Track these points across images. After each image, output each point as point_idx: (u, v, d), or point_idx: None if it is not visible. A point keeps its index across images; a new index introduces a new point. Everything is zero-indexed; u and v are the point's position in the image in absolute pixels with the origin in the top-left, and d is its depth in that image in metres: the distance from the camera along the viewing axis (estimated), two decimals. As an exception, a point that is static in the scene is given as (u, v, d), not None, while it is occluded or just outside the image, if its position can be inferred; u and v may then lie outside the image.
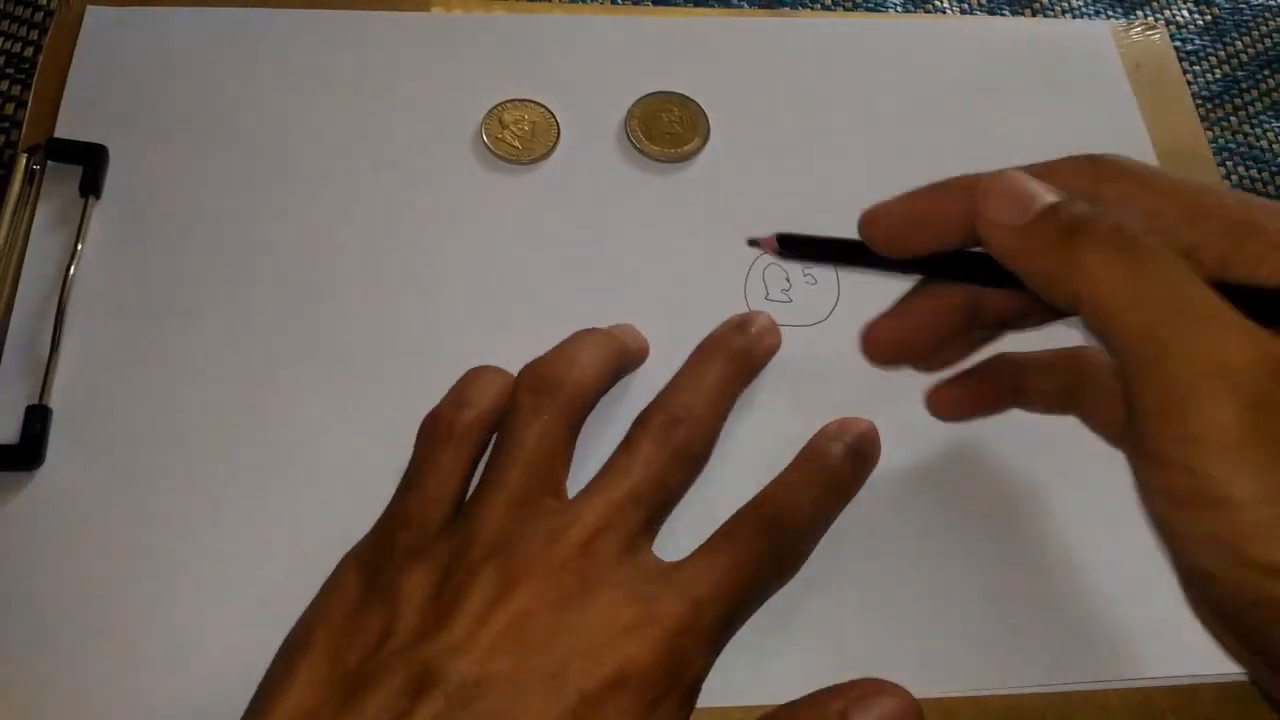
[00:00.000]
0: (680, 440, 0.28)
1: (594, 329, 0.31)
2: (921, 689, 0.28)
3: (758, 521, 0.27)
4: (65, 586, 0.28)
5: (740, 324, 0.31)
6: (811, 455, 0.29)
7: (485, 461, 0.28)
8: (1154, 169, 0.24)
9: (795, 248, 0.29)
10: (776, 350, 0.32)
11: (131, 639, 0.28)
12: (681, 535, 0.27)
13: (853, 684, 0.25)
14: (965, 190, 0.24)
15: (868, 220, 0.26)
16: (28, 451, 0.29)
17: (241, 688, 0.25)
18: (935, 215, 0.25)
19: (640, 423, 0.28)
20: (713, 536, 0.27)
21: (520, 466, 0.27)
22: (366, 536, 0.27)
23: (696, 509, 0.29)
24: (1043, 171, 0.24)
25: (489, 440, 0.29)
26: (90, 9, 0.37)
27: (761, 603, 0.27)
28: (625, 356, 0.31)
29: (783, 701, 0.25)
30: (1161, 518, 0.21)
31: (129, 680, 0.27)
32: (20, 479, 0.29)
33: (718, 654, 0.26)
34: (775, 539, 0.27)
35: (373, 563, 0.26)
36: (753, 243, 0.29)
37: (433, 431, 0.28)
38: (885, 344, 0.28)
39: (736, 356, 0.31)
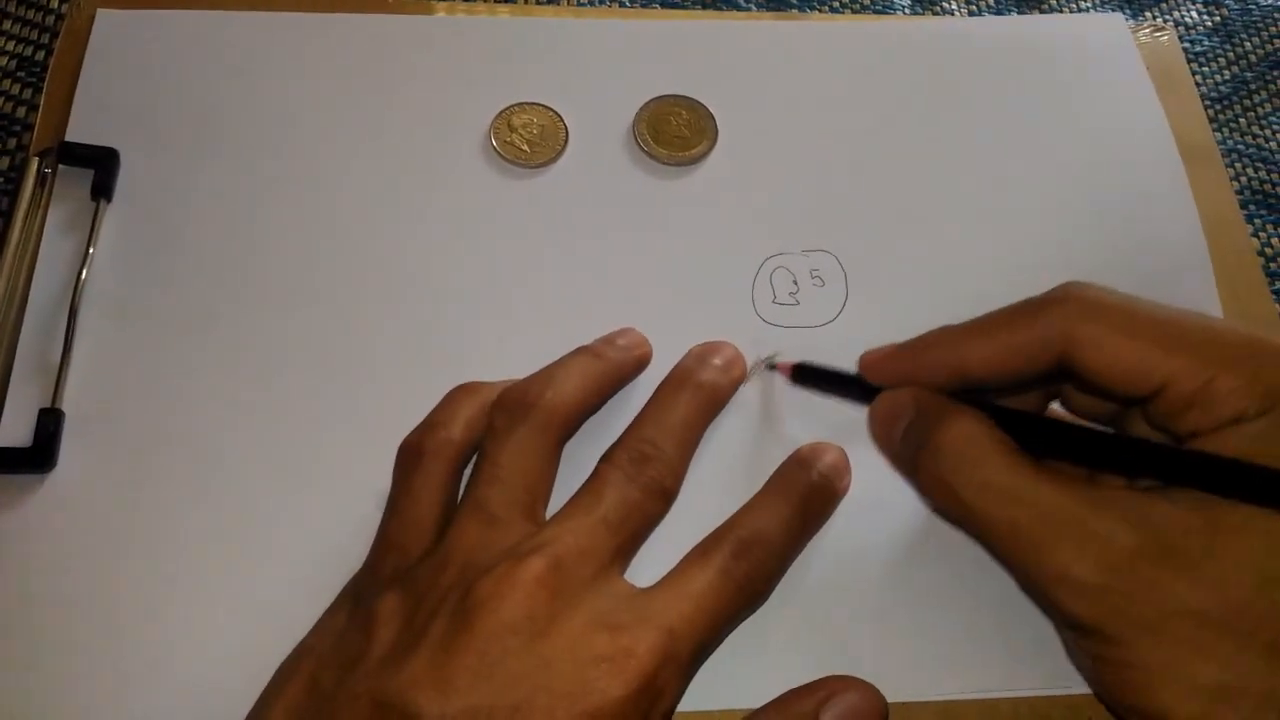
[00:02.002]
0: (649, 477, 0.27)
1: (583, 350, 0.31)
2: (928, 692, 0.28)
3: (732, 546, 0.26)
4: (77, 588, 0.28)
5: (705, 355, 0.31)
6: (784, 480, 0.29)
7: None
8: (1133, 301, 0.25)
9: (808, 378, 0.31)
10: (743, 381, 0.32)
11: (142, 640, 0.28)
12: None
13: (820, 683, 0.26)
14: (946, 347, 0.27)
15: (865, 366, 0.29)
16: (40, 454, 0.29)
17: (252, 688, 0.25)
18: (919, 374, 0.27)
19: (608, 459, 0.28)
20: (685, 560, 0.27)
21: (493, 485, 0.27)
22: (362, 565, 0.28)
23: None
24: (1017, 317, 0.26)
25: (467, 459, 0.29)
26: (101, 12, 0.37)
27: (733, 629, 0.27)
28: (615, 376, 0.31)
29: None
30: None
31: (139, 681, 0.27)
32: (33, 482, 0.30)
33: (690, 681, 0.25)
34: (749, 564, 0.26)
35: (363, 591, 0.27)
36: (770, 366, 0.32)
37: (403, 457, 0.29)
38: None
39: (703, 390, 0.30)
